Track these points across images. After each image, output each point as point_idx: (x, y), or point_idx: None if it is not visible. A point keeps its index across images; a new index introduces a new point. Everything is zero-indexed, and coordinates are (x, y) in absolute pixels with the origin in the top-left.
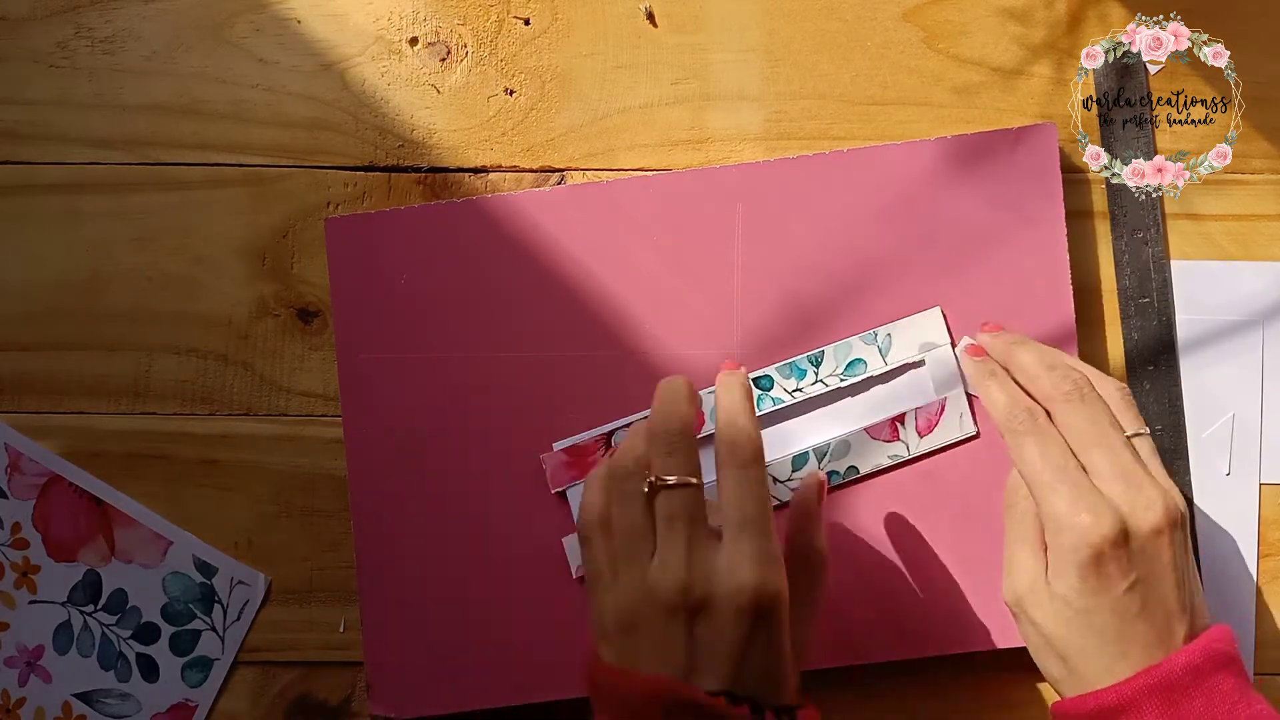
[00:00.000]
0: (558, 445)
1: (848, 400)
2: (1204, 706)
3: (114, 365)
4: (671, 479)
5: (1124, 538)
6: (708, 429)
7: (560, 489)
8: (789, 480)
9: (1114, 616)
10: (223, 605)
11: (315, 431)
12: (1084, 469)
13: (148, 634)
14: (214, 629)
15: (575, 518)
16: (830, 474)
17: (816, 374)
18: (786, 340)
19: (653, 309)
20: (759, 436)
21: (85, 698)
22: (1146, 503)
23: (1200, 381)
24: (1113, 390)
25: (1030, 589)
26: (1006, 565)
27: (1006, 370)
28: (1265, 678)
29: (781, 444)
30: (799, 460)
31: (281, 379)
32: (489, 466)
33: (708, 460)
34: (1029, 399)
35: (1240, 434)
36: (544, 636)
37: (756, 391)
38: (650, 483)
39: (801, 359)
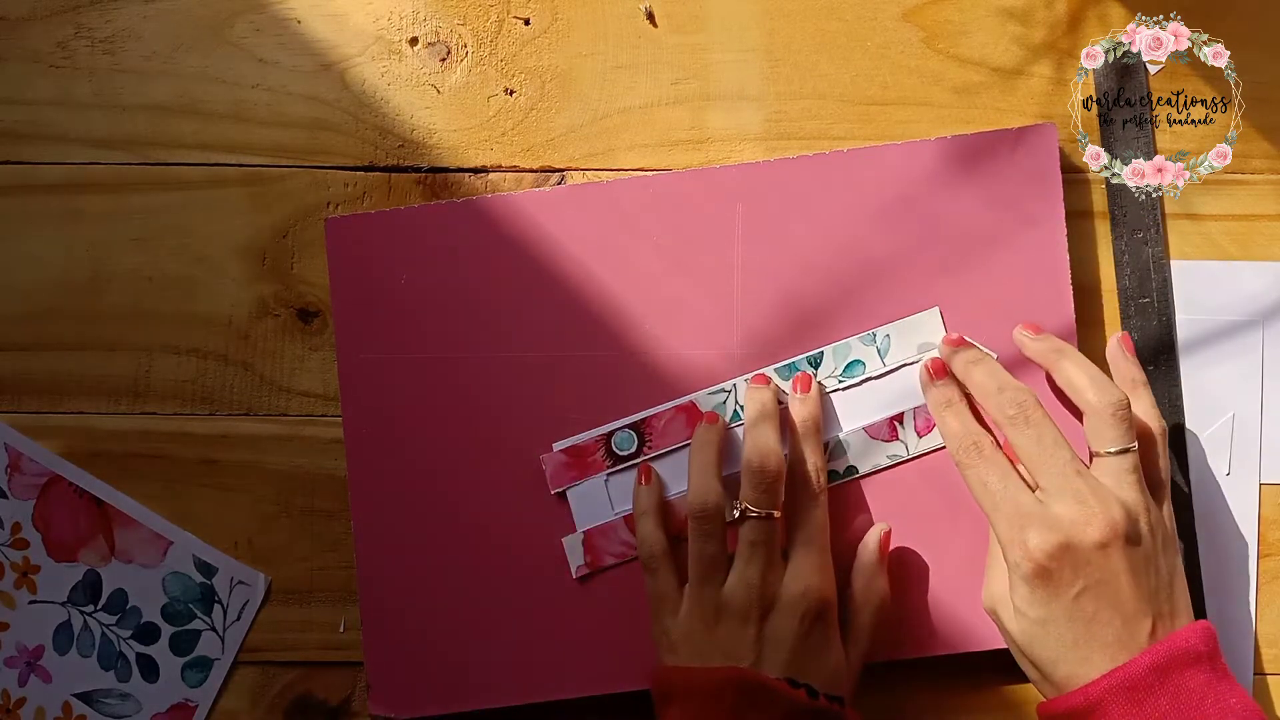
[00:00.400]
0: (557, 446)
1: (847, 399)
2: (1170, 704)
3: (114, 365)
4: (760, 512)
5: (1065, 551)
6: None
7: (560, 489)
8: None
9: (1069, 624)
10: (223, 605)
11: (315, 431)
12: (1033, 487)
13: (148, 634)
14: (214, 629)
15: (575, 519)
16: (829, 473)
17: (815, 375)
18: (787, 340)
19: (653, 309)
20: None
21: (85, 698)
22: (1088, 519)
23: (1200, 381)
24: (1105, 403)
25: (1001, 600)
26: (986, 576)
27: (965, 389)
28: (1265, 677)
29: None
30: None
31: (281, 379)
32: (489, 466)
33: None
34: (978, 427)
35: (1240, 434)
36: (544, 636)
37: None
38: (742, 510)
39: (800, 359)
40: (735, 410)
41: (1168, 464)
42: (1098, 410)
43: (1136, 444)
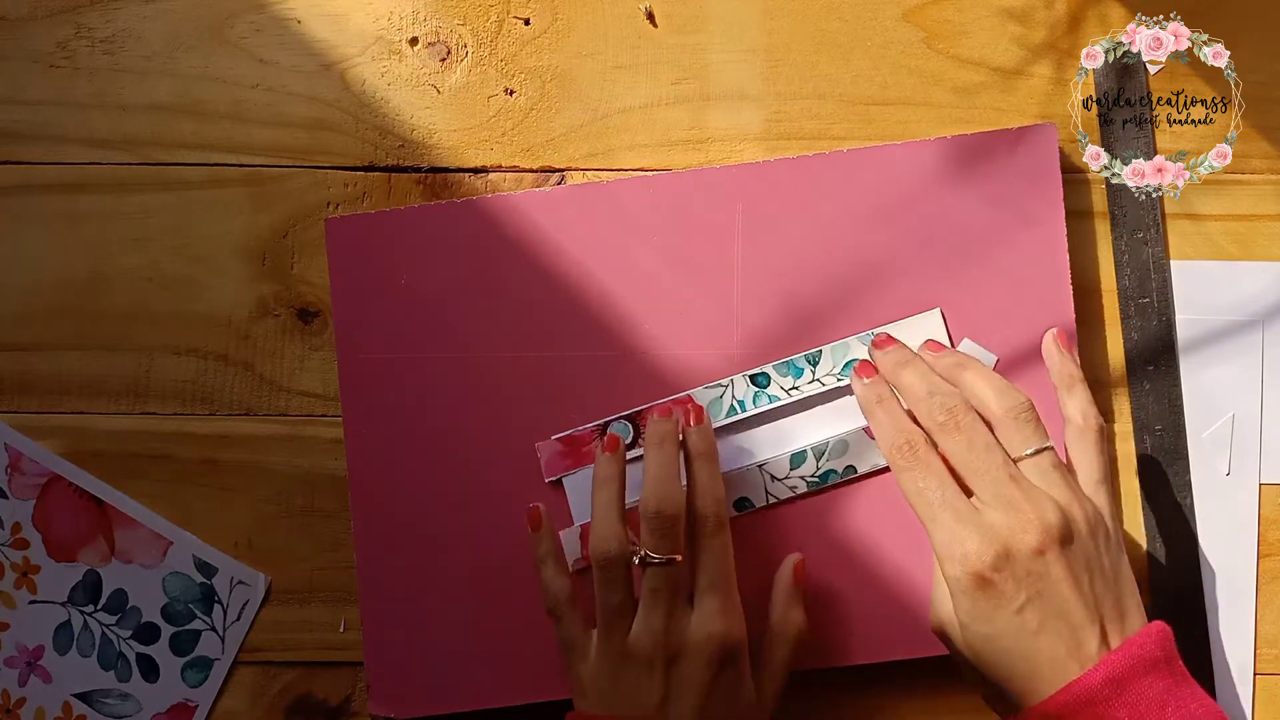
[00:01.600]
0: (554, 436)
1: (847, 399)
2: (1129, 715)
3: (114, 365)
4: (660, 558)
5: (1005, 560)
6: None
7: (554, 478)
8: (786, 478)
9: (1015, 638)
10: (223, 605)
11: (315, 431)
12: (968, 493)
13: (148, 634)
14: (214, 629)
15: (572, 509)
16: (828, 473)
17: (814, 373)
18: (787, 340)
19: (653, 309)
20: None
21: (85, 698)
22: (1023, 525)
23: (1200, 381)
24: (1006, 409)
25: (949, 618)
26: (932, 596)
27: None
28: (1265, 678)
29: (780, 441)
30: (797, 458)
31: (281, 379)
32: (489, 466)
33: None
34: (912, 426)
35: (1240, 434)
36: (544, 636)
37: (753, 389)
38: (641, 558)
39: (799, 358)
40: (732, 405)
41: (1106, 460)
42: (1000, 417)
43: (1050, 442)
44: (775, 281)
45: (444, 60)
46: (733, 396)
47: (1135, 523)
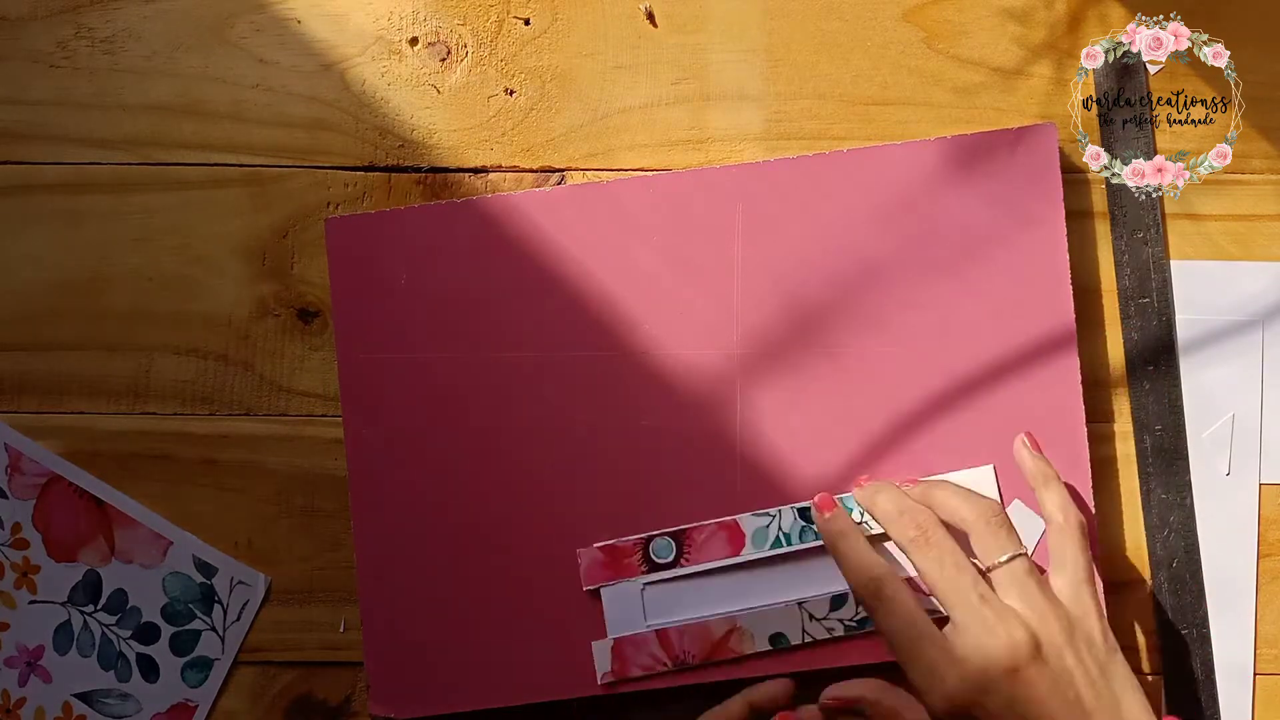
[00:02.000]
0: (596, 544)
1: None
2: None
3: (114, 365)
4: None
5: (982, 692)
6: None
7: (593, 587)
8: (824, 619)
9: None
10: (223, 605)
11: (315, 431)
12: (938, 622)
13: (148, 634)
14: (214, 629)
15: (608, 622)
16: (867, 619)
17: (862, 513)
18: (787, 341)
19: (652, 309)
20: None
21: (85, 698)
22: (996, 648)
23: (1200, 381)
24: (978, 514)
25: None
26: None
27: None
28: (1265, 678)
29: (823, 579)
30: (838, 601)
31: (281, 379)
32: (488, 466)
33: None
34: (877, 560)
35: (1240, 434)
36: (544, 636)
37: (800, 524)
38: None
39: (848, 496)
40: (778, 537)
41: (1089, 558)
42: (973, 525)
43: (1024, 548)
44: (775, 282)
45: (444, 60)
46: (779, 528)
47: (1135, 523)
